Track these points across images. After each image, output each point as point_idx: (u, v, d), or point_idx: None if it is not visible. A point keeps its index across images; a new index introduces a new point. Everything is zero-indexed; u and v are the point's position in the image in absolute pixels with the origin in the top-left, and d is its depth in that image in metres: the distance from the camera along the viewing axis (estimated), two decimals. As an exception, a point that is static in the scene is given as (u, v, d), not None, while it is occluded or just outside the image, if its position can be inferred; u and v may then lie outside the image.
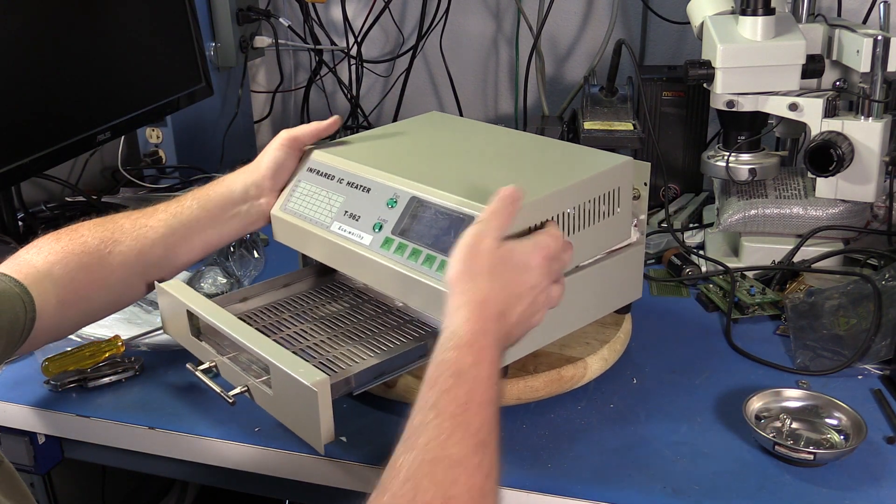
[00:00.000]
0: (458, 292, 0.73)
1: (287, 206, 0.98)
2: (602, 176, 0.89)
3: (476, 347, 0.68)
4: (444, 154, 1.00)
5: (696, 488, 0.81)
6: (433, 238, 0.83)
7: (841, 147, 1.14)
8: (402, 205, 0.88)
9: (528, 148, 1.00)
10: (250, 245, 1.29)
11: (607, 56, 1.50)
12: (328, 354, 0.89)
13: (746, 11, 1.18)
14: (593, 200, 0.88)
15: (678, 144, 1.46)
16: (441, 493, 0.59)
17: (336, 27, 1.86)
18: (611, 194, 0.90)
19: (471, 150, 1.01)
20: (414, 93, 1.86)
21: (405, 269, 0.84)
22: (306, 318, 0.98)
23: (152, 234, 0.93)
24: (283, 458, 0.89)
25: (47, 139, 1.24)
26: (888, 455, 0.85)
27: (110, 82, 1.36)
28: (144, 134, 1.64)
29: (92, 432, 0.96)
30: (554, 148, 1.00)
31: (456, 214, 0.83)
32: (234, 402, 0.84)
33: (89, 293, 0.90)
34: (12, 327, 0.80)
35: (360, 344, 0.91)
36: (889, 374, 0.97)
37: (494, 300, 0.73)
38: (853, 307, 1.03)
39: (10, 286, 0.82)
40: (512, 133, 1.06)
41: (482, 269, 0.74)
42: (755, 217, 1.23)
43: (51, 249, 0.89)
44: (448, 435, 0.62)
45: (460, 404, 0.64)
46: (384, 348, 0.89)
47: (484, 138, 1.05)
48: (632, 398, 0.95)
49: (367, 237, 0.89)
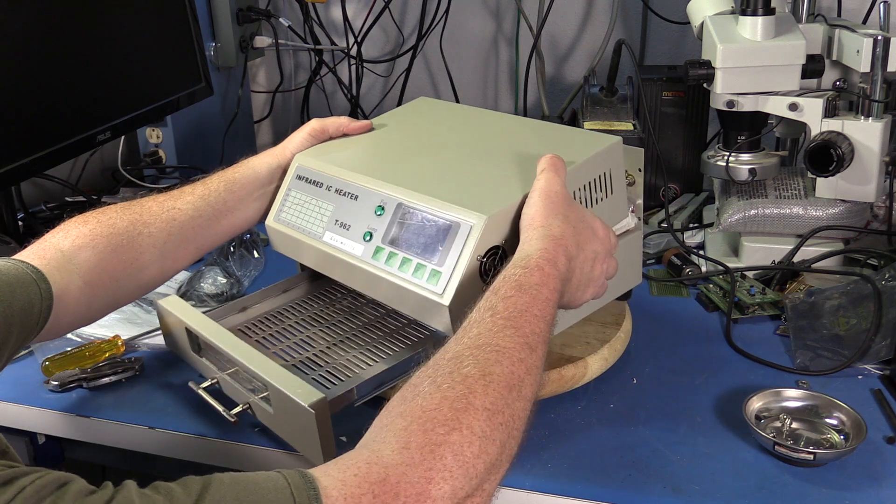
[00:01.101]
0: (534, 226, 0.76)
1: (280, 216, 0.98)
2: (595, 158, 0.88)
3: (544, 272, 0.71)
4: (430, 149, 0.99)
5: (696, 488, 0.81)
6: (422, 247, 0.83)
7: (841, 147, 1.14)
8: (389, 212, 0.88)
9: (517, 134, 0.99)
10: (250, 245, 1.29)
11: (607, 56, 1.50)
12: (328, 366, 0.89)
13: (746, 11, 1.18)
14: (589, 184, 0.88)
15: (678, 144, 1.46)
16: (481, 368, 0.62)
17: (336, 27, 1.86)
18: (604, 176, 0.90)
19: (459, 142, 0.99)
20: (414, 93, 1.86)
21: (397, 280, 0.84)
22: (306, 326, 0.98)
23: (181, 216, 0.93)
24: (283, 458, 0.88)
25: (47, 139, 1.24)
26: (888, 455, 0.85)
27: (110, 82, 1.36)
28: (144, 134, 1.64)
29: (92, 432, 0.96)
30: (543, 132, 0.98)
31: (443, 221, 0.83)
32: (236, 420, 0.85)
33: (118, 276, 0.90)
34: (26, 314, 0.79)
35: (360, 351, 0.91)
36: (889, 374, 0.97)
37: (568, 241, 0.76)
38: (853, 307, 1.03)
39: (26, 272, 0.81)
40: (502, 117, 1.05)
41: (558, 211, 0.78)
42: (755, 217, 1.23)
43: (78, 233, 0.88)
44: (499, 329, 0.65)
45: (517, 311, 0.67)
46: (384, 356, 0.90)
47: (473, 126, 1.03)
48: (632, 398, 0.95)
49: (358, 247, 0.89)
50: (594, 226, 0.81)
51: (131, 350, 1.07)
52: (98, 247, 0.88)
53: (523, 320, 0.67)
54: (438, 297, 0.80)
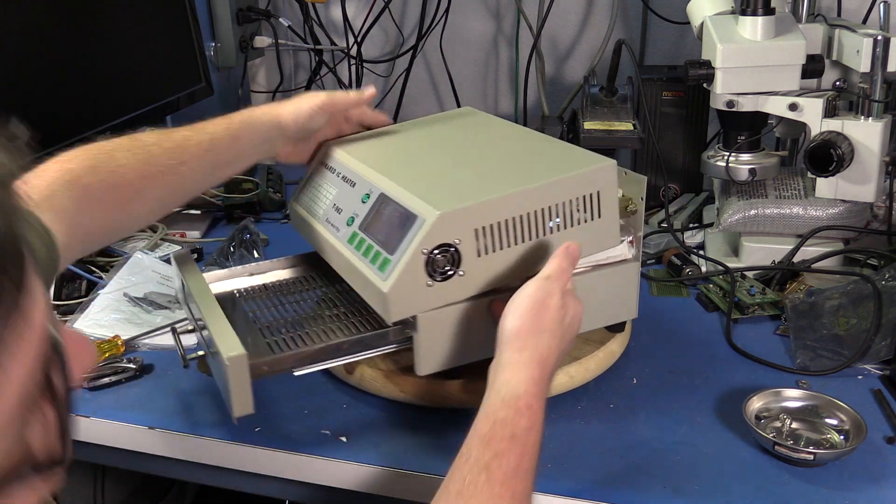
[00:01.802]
0: (521, 347, 0.75)
1: (300, 198, 1.02)
2: (580, 178, 0.86)
3: (532, 411, 0.71)
4: (440, 152, 1.00)
5: (696, 488, 0.81)
6: (385, 235, 0.84)
7: (841, 147, 1.14)
8: (372, 200, 0.89)
9: (520, 145, 0.99)
10: (250, 245, 1.29)
11: (607, 56, 1.50)
12: (289, 335, 0.91)
13: (746, 11, 1.18)
14: (570, 202, 0.85)
15: (678, 144, 1.46)
16: None
17: (336, 27, 1.86)
18: (590, 198, 0.86)
19: (468, 149, 1.01)
20: (414, 93, 1.86)
21: (359, 265, 0.86)
22: (294, 298, 1.00)
23: (187, 174, 0.92)
24: (283, 458, 0.89)
25: (47, 139, 1.23)
26: (888, 455, 0.85)
27: (110, 82, 1.36)
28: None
29: (92, 432, 0.96)
30: (547, 147, 0.97)
31: (405, 213, 0.83)
32: (186, 365, 0.88)
33: (112, 226, 0.91)
34: (48, 269, 0.78)
35: (328, 328, 0.92)
36: (889, 374, 0.97)
37: (554, 357, 0.76)
38: (853, 307, 1.03)
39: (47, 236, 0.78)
40: (524, 132, 1.05)
41: (546, 327, 0.76)
42: (755, 217, 1.23)
43: (86, 182, 0.85)
44: (496, 498, 0.66)
45: (510, 470, 0.68)
46: (345, 336, 0.89)
47: (494, 136, 1.04)
48: (632, 398, 0.95)
49: (342, 230, 0.91)
50: (563, 300, 0.78)
51: (131, 350, 1.07)
52: (101, 199, 0.85)
53: (517, 481, 0.68)
54: (381, 285, 0.81)
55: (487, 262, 0.83)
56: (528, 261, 0.85)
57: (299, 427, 0.91)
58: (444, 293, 0.82)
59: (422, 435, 0.90)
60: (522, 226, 0.84)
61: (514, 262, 0.84)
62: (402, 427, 0.91)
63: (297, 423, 0.92)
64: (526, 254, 0.85)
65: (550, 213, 0.85)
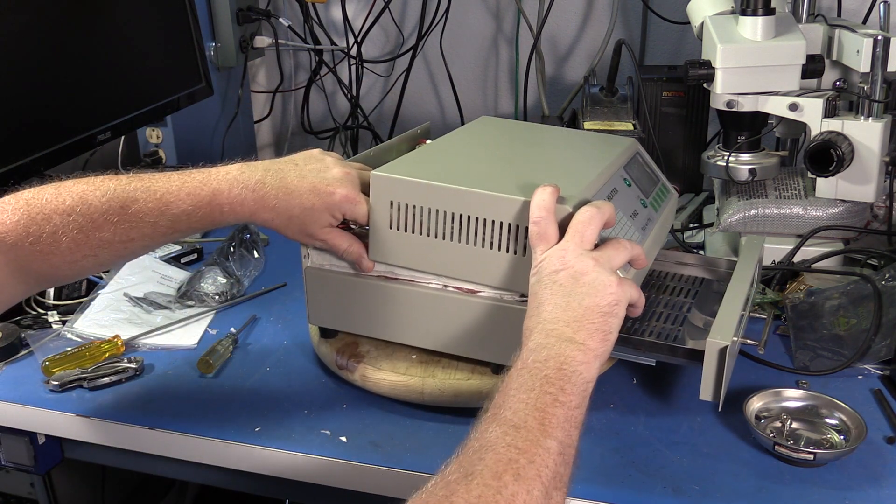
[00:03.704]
0: (530, 314, 0.74)
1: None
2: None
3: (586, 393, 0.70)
4: (512, 158, 1.00)
5: (696, 488, 0.81)
6: None
7: (841, 147, 1.14)
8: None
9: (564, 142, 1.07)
10: (250, 245, 1.29)
11: (607, 56, 1.50)
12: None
13: (746, 11, 1.18)
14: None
15: (678, 144, 1.46)
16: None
17: (336, 27, 1.86)
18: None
19: (531, 152, 1.03)
20: (414, 93, 1.86)
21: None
22: None
23: (137, 248, 0.86)
24: (283, 458, 0.89)
25: (47, 139, 1.24)
26: (888, 455, 0.85)
27: (110, 82, 1.36)
28: (144, 134, 1.64)
29: (92, 432, 0.96)
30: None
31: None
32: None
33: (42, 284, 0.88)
34: None
35: None
36: (889, 374, 0.97)
37: (563, 320, 0.72)
38: (853, 307, 1.03)
39: None
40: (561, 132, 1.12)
41: (546, 297, 0.74)
42: (755, 217, 1.23)
43: (17, 250, 0.81)
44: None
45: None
46: None
47: (543, 138, 1.10)
48: (632, 398, 0.95)
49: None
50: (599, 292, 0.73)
51: (131, 350, 1.07)
52: (29, 266, 0.82)
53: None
54: None
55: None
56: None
57: (299, 427, 0.91)
58: None
59: (422, 435, 0.90)
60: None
61: None
62: (403, 427, 0.91)
63: (297, 423, 0.92)
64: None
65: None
